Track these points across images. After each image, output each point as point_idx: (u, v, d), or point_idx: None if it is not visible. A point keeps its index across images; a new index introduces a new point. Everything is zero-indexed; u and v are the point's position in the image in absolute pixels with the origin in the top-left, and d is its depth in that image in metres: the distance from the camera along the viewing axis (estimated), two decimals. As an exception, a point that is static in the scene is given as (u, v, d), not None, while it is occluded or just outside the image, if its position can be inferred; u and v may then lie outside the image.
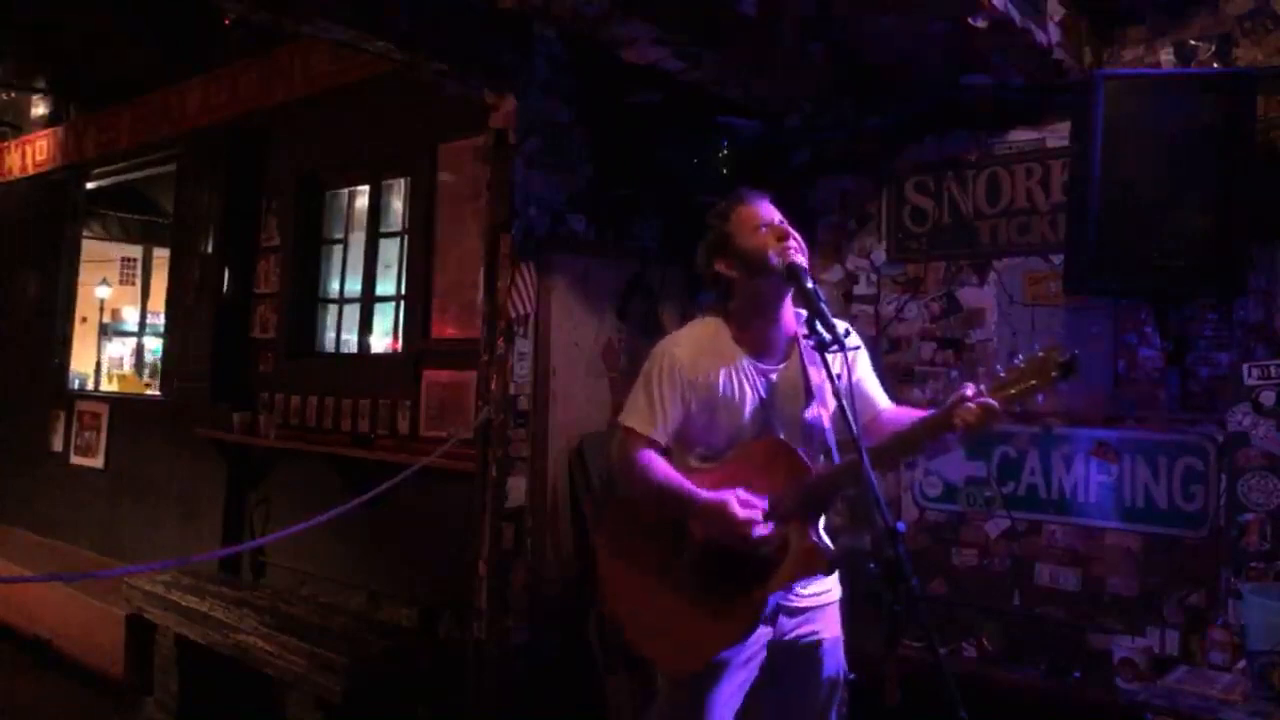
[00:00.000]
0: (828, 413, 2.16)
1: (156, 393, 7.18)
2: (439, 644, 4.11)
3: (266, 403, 5.37)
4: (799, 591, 2.16)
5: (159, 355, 7.96)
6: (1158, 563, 3.10)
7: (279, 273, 5.53)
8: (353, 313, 5.32)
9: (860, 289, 3.85)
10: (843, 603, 2.28)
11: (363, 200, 5.32)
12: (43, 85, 7.53)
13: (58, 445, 7.03)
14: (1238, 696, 2.58)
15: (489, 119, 3.62)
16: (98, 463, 6.64)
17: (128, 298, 13.64)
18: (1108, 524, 3.21)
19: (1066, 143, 3.19)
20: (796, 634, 2.18)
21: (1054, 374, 1.90)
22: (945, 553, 3.53)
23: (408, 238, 4.90)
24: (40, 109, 7.76)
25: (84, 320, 9.67)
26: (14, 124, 7.85)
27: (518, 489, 3.55)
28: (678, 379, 2.16)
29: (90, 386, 9.15)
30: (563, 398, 3.70)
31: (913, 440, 2.09)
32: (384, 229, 5.17)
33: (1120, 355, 3.22)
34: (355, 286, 5.32)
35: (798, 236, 2.16)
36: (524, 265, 3.57)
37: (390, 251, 5.13)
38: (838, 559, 2.10)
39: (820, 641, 2.20)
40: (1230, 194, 2.78)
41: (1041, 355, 1.93)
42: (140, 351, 11.00)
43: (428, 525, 4.30)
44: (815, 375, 2.14)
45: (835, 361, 1.96)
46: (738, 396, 2.15)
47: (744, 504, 2.03)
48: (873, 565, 1.72)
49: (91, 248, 8.47)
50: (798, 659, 2.19)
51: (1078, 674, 2.99)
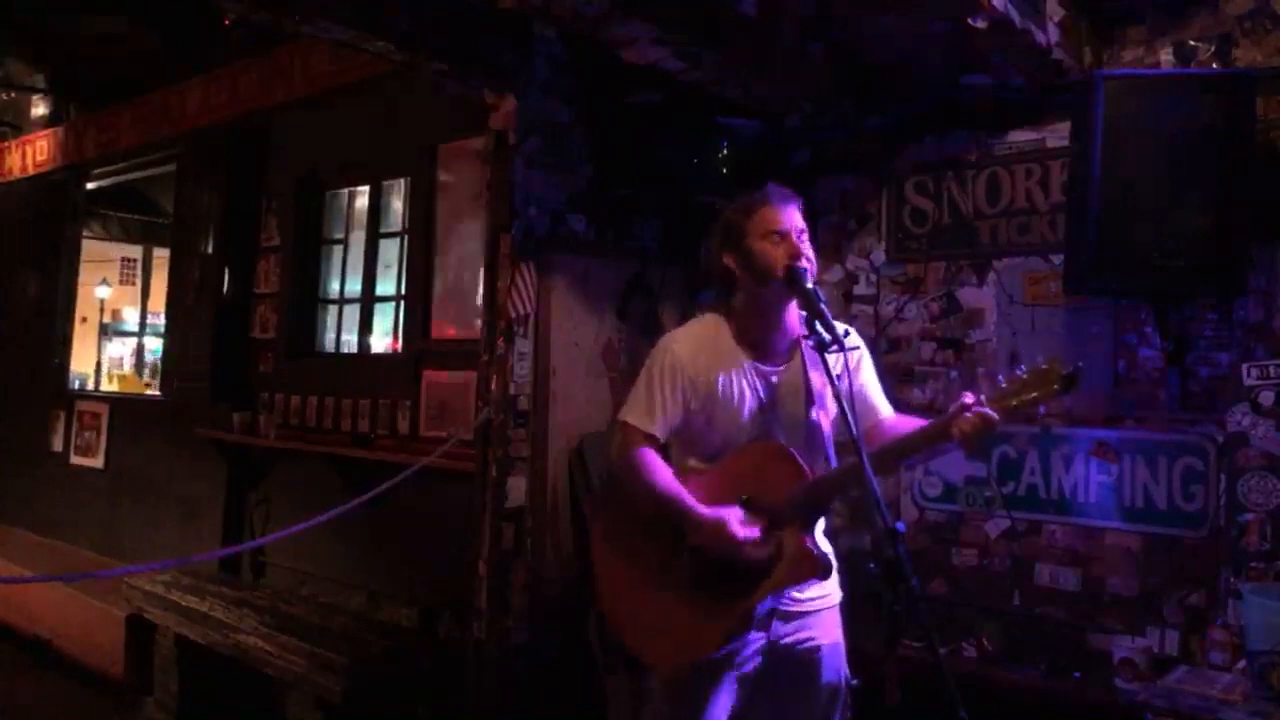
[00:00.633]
0: (828, 416, 2.16)
1: (156, 393, 7.18)
2: (439, 644, 4.11)
3: (266, 403, 5.37)
4: (794, 596, 2.14)
5: (159, 355, 7.96)
6: (1158, 563, 3.10)
7: (279, 273, 5.53)
8: (353, 313, 5.32)
9: (860, 289, 3.85)
10: (843, 604, 2.26)
11: (363, 200, 5.32)
12: (43, 85, 7.53)
13: (58, 445, 7.03)
14: (1238, 696, 2.59)
15: (489, 119, 3.62)
16: (98, 463, 6.64)
17: (128, 298, 13.65)
18: (1108, 524, 3.21)
19: (1066, 143, 3.19)
20: (792, 639, 2.16)
21: (1056, 386, 1.89)
22: (945, 553, 3.53)
23: (408, 238, 4.90)
24: (40, 109, 7.76)
25: (84, 320, 9.67)
26: (14, 124, 7.85)
27: (518, 489, 3.55)
28: (678, 376, 2.15)
29: (90, 386, 9.15)
30: (563, 398, 3.71)
31: (911, 448, 2.08)
32: (384, 229, 5.17)
33: (1120, 355, 3.22)
34: (355, 286, 5.32)
35: (811, 256, 2.11)
36: (524, 265, 3.57)
37: (390, 252, 5.13)
38: (832, 564, 2.08)
39: (818, 647, 2.17)
40: (1230, 194, 2.78)
41: (1044, 367, 1.91)
42: (140, 351, 11.00)
43: (428, 525, 4.30)
44: (817, 379, 2.12)
45: (835, 362, 1.96)
46: (737, 397, 2.14)
47: (744, 523, 2.03)
48: (873, 565, 1.71)
49: (91, 248, 8.47)
50: (794, 665, 2.16)
51: (1078, 674, 2.99)
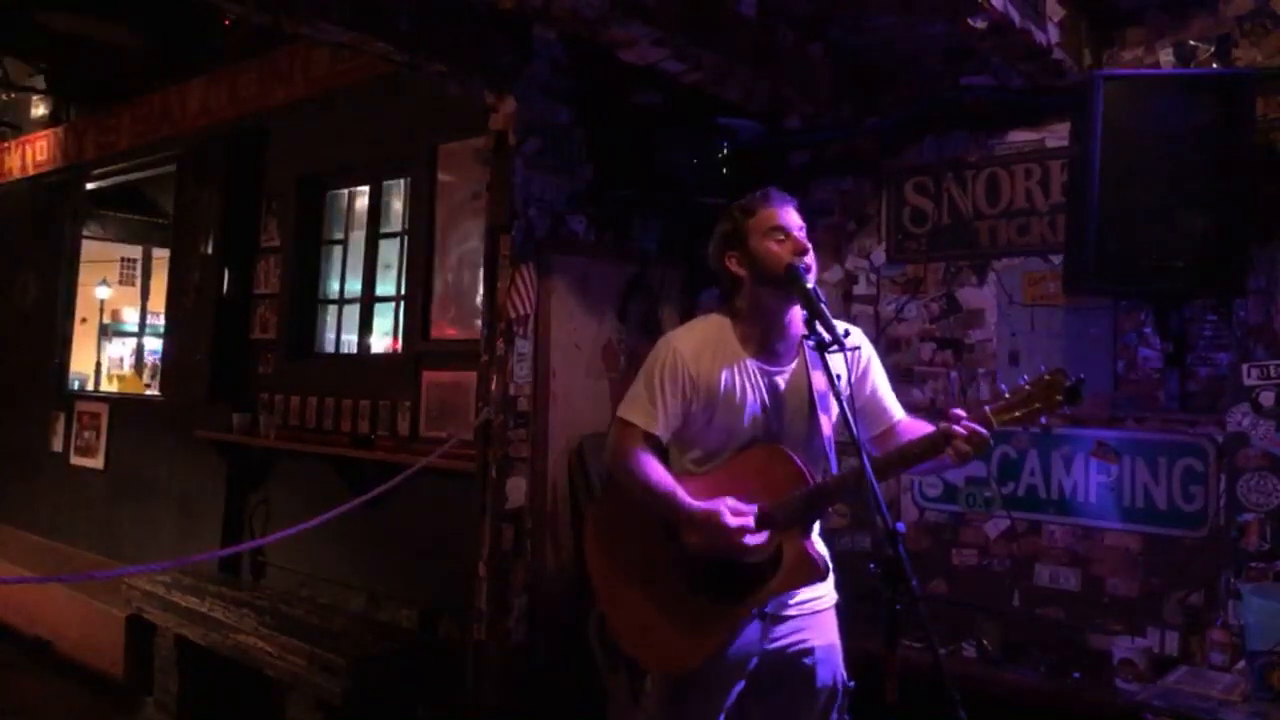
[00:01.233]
0: (829, 419, 2.15)
1: (156, 393, 7.18)
2: (439, 645, 4.11)
3: (266, 403, 5.37)
4: (787, 600, 2.13)
5: (159, 356, 7.96)
6: (1157, 563, 3.10)
7: (279, 273, 5.52)
8: (352, 313, 5.31)
9: (860, 289, 3.85)
10: (843, 604, 2.25)
11: (363, 201, 5.32)
12: (43, 85, 7.53)
13: (57, 446, 7.02)
14: (1237, 697, 2.59)
15: (489, 120, 3.62)
16: (97, 463, 6.63)
17: (128, 298, 13.65)
18: (1107, 524, 3.21)
19: (1066, 143, 3.20)
20: (786, 642, 2.15)
21: (1059, 398, 1.90)
22: (945, 553, 3.53)
23: (408, 238, 4.90)
24: (40, 109, 7.76)
25: (84, 321, 9.67)
26: (14, 124, 7.85)
27: (517, 490, 3.55)
28: (680, 374, 2.14)
29: (90, 387, 9.15)
30: (562, 398, 3.71)
31: (908, 459, 2.06)
32: (384, 229, 5.17)
33: (1120, 356, 3.23)
34: (355, 287, 5.32)
35: (811, 253, 2.12)
36: (524, 266, 3.57)
37: (390, 252, 5.12)
38: (829, 567, 2.08)
39: (811, 650, 2.16)
40: (1230, 194, 2.79)
41: (1048, 378, 1.92)
42: (140, 352, 11.00)
43: (428, 526, 4.29)
44: (819, 380, 2.11)
45: (836, 363, 1.96)
46: (738, 397, 2.13)
47: (735, 513, 2.00)
48: (873, 566, 1.71)
49: (91, 248, 8.45)
50: (789, 668, 2.15)
51: (1078, 674, 2.99)
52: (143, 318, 10.81)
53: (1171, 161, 2.82)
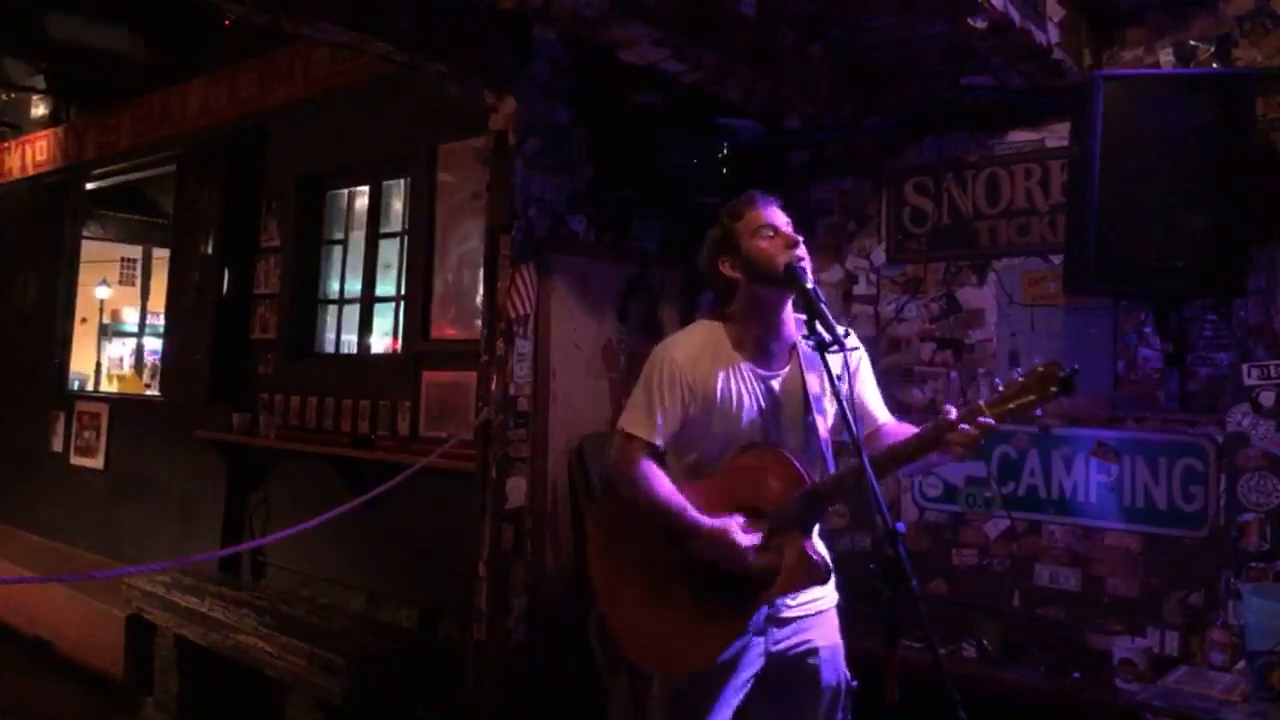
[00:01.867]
0: (825, 421, 2.15)
1: (156, 393, 7.18)
2: (439, 645, 4.11)
3: (266, 403, 5.37)
4: (788, 601, 2.14)
5: (159, 356, 7.96)
6: (1157, 563, 3.10)
7: (279, 273, 5.52)
8: (352, 313, 5.31)
9: (860, 289, 3.85)
10: (843, 604, 2.26)
11: (362, 201, 5.31)
12: (43, 85, 7.52)
13: (57, 446, 7.02)
14: (1237, 697, 2.59)
15: (489, 120, 3.62)
16: (97, 463, 6.63)
17: (127, 298, 13.65)
18: (1107, 524, 3.21)
19: (1066, 143, 3.20)
20: (789, 644, 2.15)
21: (1053, 389, 1.89)
22: (945, 553, 3.53)
23: (407, 238, 4.89)
24: (40, 109, 7.75)
25: (84, 321, 9.66)
26: (14, 124, 7.84)
27: (517, 490, 3.55)
28: (677, 382, 2.15)
29: (90, 387, 9.15)
30: (562, 399, 3.71)
31: (903, 457, 2.05)
32: (384, 229, 5.17)
33: (1120, 356, 3.23)
34: (355, 287, 5.31)
35: (803, 246, 2.13)
36: (524, 266, 3.57)
37: (390, 252, 5.12)
38: (830, 569, 2.08)
39: (815, 650, 2.17)
40: (1230, 194, 2.79)
41: (1041, 370, 1.91)
42: (140, 352, 10.99)
43: (427, 526, 4.29)
44: (814, 382, 2.12)
45: (835, 363, 1.96)
46: (735, 402, 2.14)
47: (745, 530, 2.02)
48: (873, 566, 1.71)
49: (91, 248, 8.45)
50: (792, 669, 2.16)
51: (1078, 674, 2.99)
52: (142, 318, 10.81)
53: (1171, 161, 2.82)
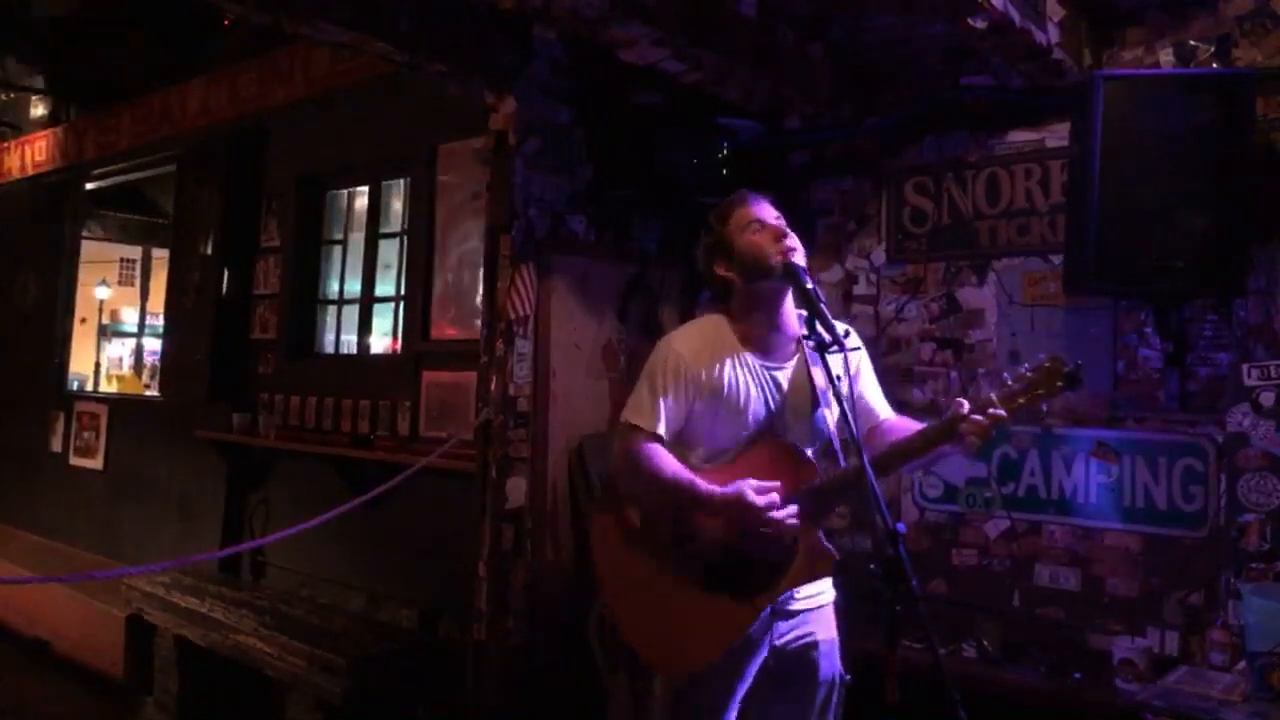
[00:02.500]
0: (832, 415, 2.15)
1: (156, 394, 7.18)
2: (439, 645, 4.11)
3: (266, 403, 5.37)
4: (794, 594, 2.14)
5: (158, 356, 7.96)
6: (1158, 563, 3.10)
7: (279, 273, 5.52)
8: (352, 313, 5.31)
9: (860, 289, 3.85)
10: (842, 604, 2.27)
11: (362, 201, 5.31)
12: (42, 85, 7.52)
13: (57, 446, 7.02)
14: (1237, 697, 2.59)
15: (489, 120, 3.62)
16: (97, 464, 6.63)
17: (127, 298, 13.64)
18: (1108, 524, 3.21)
19: (1066, 143, 3.20)
20: (792, 637, 2.16)
21: (1059, 384, 1.92)
22: (945, 553, 3.53)
23: (407, 238, 4.89)
24: (40, 109, 7.75)
25: (83, 321, 9.66)
26: (14, 124, 7.84)
27: (517, 490, 3.55)
28: (681, 374, 2.15)
29: (89, 388, 9.14)
30: (562, 399, 3.70)
31: (912, 451, 2.06)
32: (384, 230, 5.17)
33: (1120, 356, 3.23)
34: (355, 287, 5.31)
35: (794, 237, 2.15)
36: (524, 266, 3.57)
37: (390, 252, 5.12)
38: (843, 565, 2.09)
39: (816, 644, 2.18)
40: (1230, 194, 2.79)
41: (1047, 365, 1.94)
42: (139, 352, 10.99)
43: (427, 526, 4.29)
44: (820, 377, 2.11)
45: (836, 363, 1.96)
46: (741, 394, 2.14)
47: (759, 490, 2.00)
48: (873, 566, 1.71)
49: (91, 248, 8.45)
50: (794, 663, 2.17)
51: (1078, 674, 2.99)
52: (142, 318, 10.80)
53: (1171, 161, 2.82)
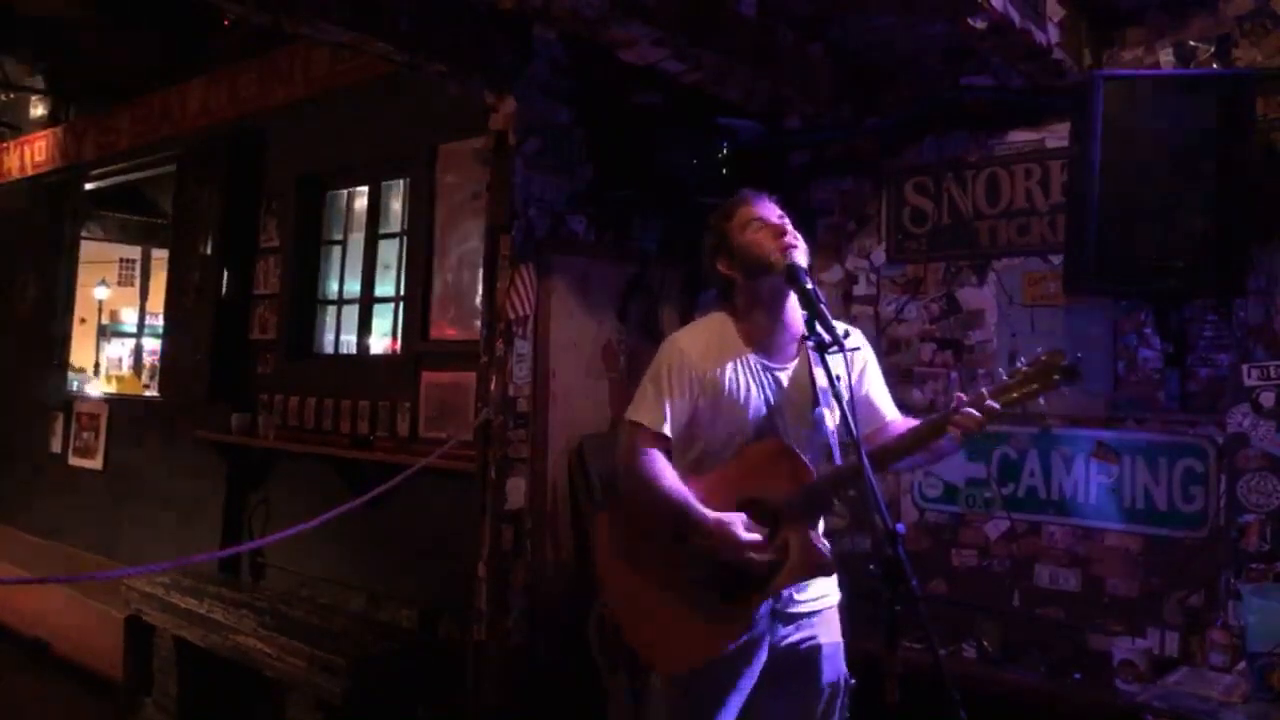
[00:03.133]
0: (833, 415, 2.16)
1: (155, 394, 7.17)
2: (439, 645, 4.10)
3: (265, 404, 5.36)
4: (795, 597, 2.15)
5: (157, 356, 7.95)
6: (1158, 564, 3.10)
7: (278, 274, 5.52)
8: (352, 314, 5.31)
9: (860, 289, 3.85)
10: (843, 604, 2.26)
11: (362, 201, 5.31)
12: (42, 85, 7.52)
13: (56, 446, 7.02)
14: (1238, 698, 2.58)
15: (489, 120, 3.62)
16: (96, 464, 6.62)
17: (126, 299, 13.65)
18: (1107, 525, 3.21)
19: (1066, 143, 3.19)
20: (794, 639, 2.16)
21: (1057, 377, 1.94)
22: (945, 554, 3.53)
23: (407, 239, 4.89)
24: (39, 109, 7.75)
25: (82, 321, 9.66)
26: (13, 124, 7.84)
27: (517, 490, 3.55)
28: (686, 373, 2.16)
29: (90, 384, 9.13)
30: (562, 399, 3.70)
31: (907, 447, 2.08)
32: (383, 230, 5.16)
33: (1120, 356, 3.23)
34: (354, 288, 5.31)
35: (795, 233, 2.16)
36: (524, 266, 3.57)
37: (389, 252, 5.12)
38: (834, 563, 2.09)
39: (819, 647, 2.18)
40: (1230, 194, 2.79)
41: (1044, 359, 1.96)
42: (139, 352, 10.99)
43: (428, 526, 4.29)
44: (822, 377, 2.11)
45: (836, 363, 1.97)
46: (742, 393, 2.14)
47: (748, 528, 2.02)
48: (873, 566, 1.71)
49: (90, 248, 8.45)
50: (796, 665, 2.17)
51: (1078, 675, 2.99)
52: (141, 318, 10.80)
53: (1171, 161, 2.82)
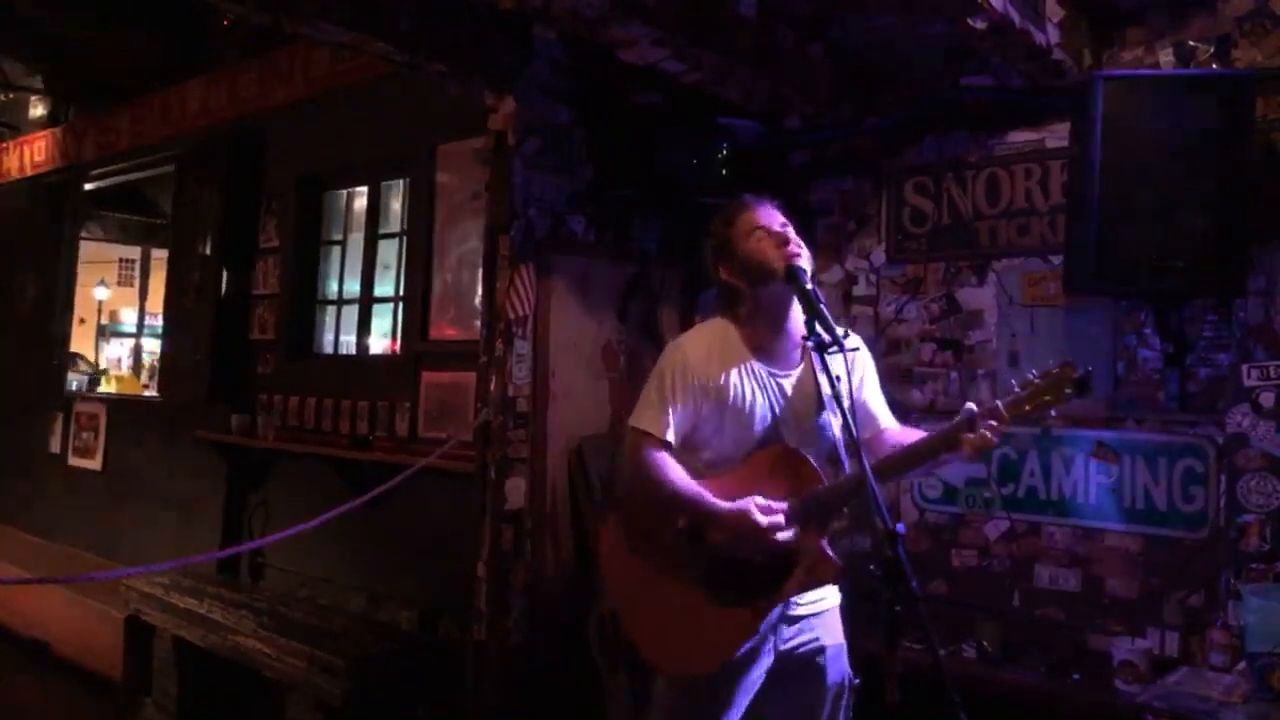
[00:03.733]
0: (836, 420, 2.16)
1: (154, 394, 7.17)
2: (439, 645, 4.10)
3: (265, 404, 5.36)
4: (797, 599, 2.14)
5: (157, 356, 7.95)
6: (1157, 564, 3.10)
7: (278, 274, 5.52)
8: (351, 314, 5.31)
9: (860, 290, 3.85)
10: (844, 605, 2.27)
11: (361, 201, 5.31)
12: (42, 85, 7.52)
13: (55, 447, 7.02)
14: (1238, 698, 2.58)
15: (488, 120, 3.62)
16: (95, 464, 6.62)
17: (126, 299, 13.64)
18: (1107, 525, 3.21)
19: (1066, 143, 3.19)
20: (797, 642, 2.17)
21: (1069, 390, 1.94)
22: (945, 554, 3.53)
23: (406, 239, 4.89)
24: (39, 109, 7.75)
25: (82, 321, 9.66)
26: (12, 124, 7.84)
27: (517, 490, 3.55)
28: (690, 379, 2.15)
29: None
30: (562, 399, 3.70)
31: (915, 459, 2.07)
32: (383, 230, 5.17)
33: (1120, 356, 3.22)
34: (354, 288, 5.31)
35: (799, 240, 2.15)
36: (523, 266, 3.56)
37: (389, 252, 5.12)
38: (846, 569, 2.08)
39: (823, 648, 2.18)
40: (1229, 194, 2.79)
41: (1056, 371, 1.96)
42: (138, 353, 10.98)
43: (427, 526, 4.29)
44: (827, 383, 2.12)
45: (836, 364, 1.96)
46: (747, 400, 2.14)
47: (764, 510, 2.01)
48: (873, 567, 1.71)
49: (90, 249, 8.45)
50: (800, 667, 2.17)
51: (1077, 675, 2.99)
52: (141, 318, 10.79)
53: (1171, 161, 2.82)
